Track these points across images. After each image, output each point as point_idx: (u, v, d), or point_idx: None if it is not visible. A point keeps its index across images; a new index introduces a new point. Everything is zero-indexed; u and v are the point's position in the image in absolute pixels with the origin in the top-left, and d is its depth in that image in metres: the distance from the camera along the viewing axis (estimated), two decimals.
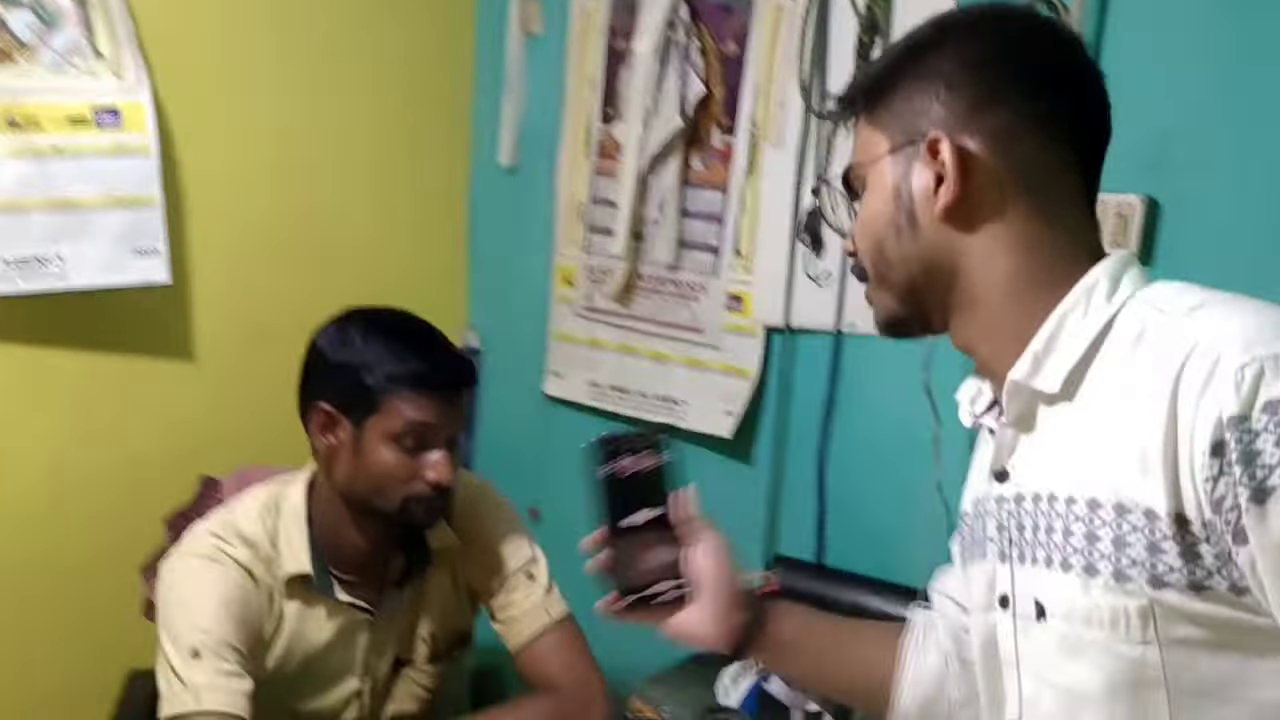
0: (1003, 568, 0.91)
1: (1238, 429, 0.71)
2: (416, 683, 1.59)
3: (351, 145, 2.35)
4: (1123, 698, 0.81)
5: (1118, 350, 0.83)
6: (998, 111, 0.87)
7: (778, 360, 2.11)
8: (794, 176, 2.05)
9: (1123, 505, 0.79)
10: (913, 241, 0.91)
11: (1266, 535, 0.71)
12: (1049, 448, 0.87)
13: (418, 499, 1.43)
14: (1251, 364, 0.72)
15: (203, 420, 2.17)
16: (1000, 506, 0.91)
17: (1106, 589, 0.80)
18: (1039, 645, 0.87)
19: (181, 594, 1.41)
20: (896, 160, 0.91)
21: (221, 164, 2.12)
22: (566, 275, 2.42)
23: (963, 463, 1.85)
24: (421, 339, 1.46)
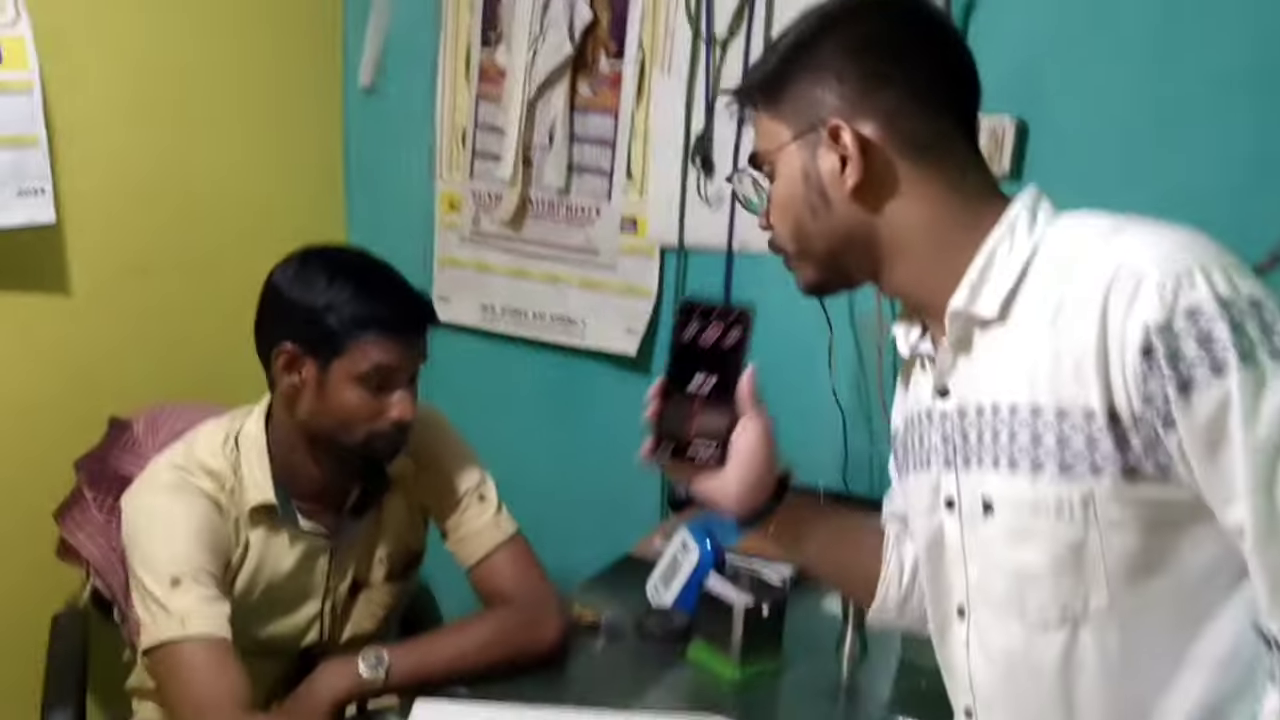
0: (947, 474, 1.04)
1: (1163, 334, 0.84)
2: (375, 602, 1.65)
3: (220, 73, 2.28)
4: (1066, 574, 0.94)
5: (1043, 274, 0.96)
6: (886, 92, 0.98)
7: (673, 279, 2.22)
8: (684, 101, 2.15)
9: (1062, 409, 0.91)
10: (828, 218, 1.02)
11: (1191, 419, 0.84)
12: (987, 365, 0.99)
13: (380, 435, 1.48)
14: (1170, 278, 0.85)
15: (91, 360, 2.11)
16: (944, 421, 1.04)
17: (1052, 481, 0.92)
18: (986, 538, 1.00)
19: (154, 526, 1.43)
20: (801, 147, 1.01)
21: (93, 101, 2.04)
22: (451, 201, 2.44)
23: (853, 367, 2.04)
24: (384, 281, 1.49)
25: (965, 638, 1.04)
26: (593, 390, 2.36)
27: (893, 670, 1.57)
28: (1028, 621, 0.98)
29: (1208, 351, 0.83)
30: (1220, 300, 0.84)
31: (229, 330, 2.25)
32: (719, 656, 1.52)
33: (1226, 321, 0.83)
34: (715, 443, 1.16)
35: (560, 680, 1.51)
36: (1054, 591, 0.95)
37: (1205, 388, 0.83)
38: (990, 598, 1.01)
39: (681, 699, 1.47)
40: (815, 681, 1.55)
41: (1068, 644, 0.96)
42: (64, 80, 1.96)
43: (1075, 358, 0.90)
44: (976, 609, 1.03)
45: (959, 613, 1.05)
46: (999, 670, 1.02)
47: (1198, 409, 0.84)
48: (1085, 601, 0.94)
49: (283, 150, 2.44)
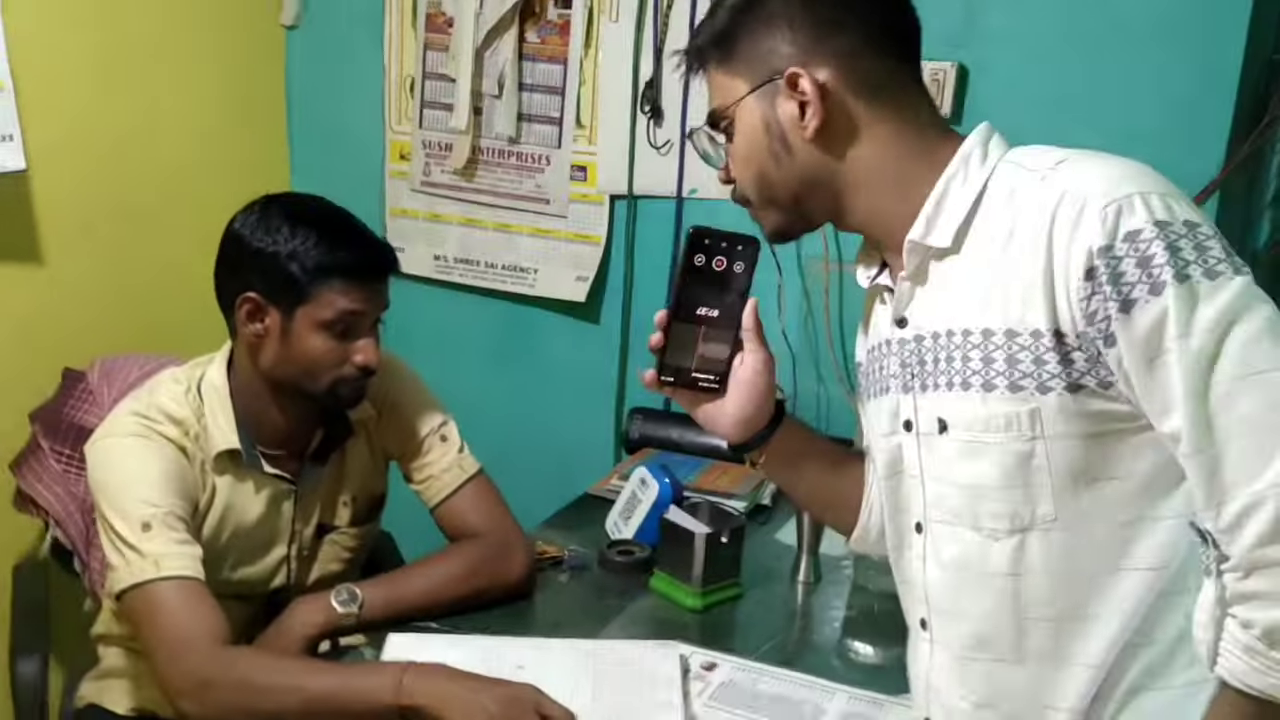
0: (905, 398, 1.09)
1: (1105, 256, 0.90)
2: (341, 545, 1.67)
3: (162, 28, 2.24)
4: (1015, 485, 1.00)
5: (995, 205, 1.01)
6: (840, 37, 1.03)
7: (623, 225, 2.26)
8: (632, 49, 2.17)
9: (1012, 330, 0.97)
10: (791, 164, 1.06)
11: (1131, 334, 0.90)
12: (942, 293, 1.04)
13: (345, 381, 1.50)
14: (1112, 204, 0.91)
15: (42, 313, 2.09)
16: (902, 348, 1.09)
17: (1002, 399, 0.98)
18: (942, 455, 1.05)
19: (122, 471, 1.44)
20: (760, 98, 1.05)
21: (33, 54, 2.00)
22: (401, 151, 2.45)
23: (801, 309, 2.09)
24: (346, 228, 1.50)
25: (922, 551, 1.10)
26: (544, 337, 2.39)
27: (845, 595, 1.64)
28: (980, 531, 1.03)
29: (1146, 272, 0.88)
30: (1158, 224, 0.89)
31: (176, 282, 2.28)
32: (680, 585, 1.57)
33: (1164, 244, 0.88)
34: (717, 371, 1.20)
35: (527, 613, 1.55)
36: (1004, 502, 1.01)
37: (1143, 306, 0.88)
38: (946, 511, 1.06)
39: (646, 627, 1.52)
40: (772, 607, 1.61)
41: (1016, 551, 1.02)
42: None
43: (1024, 281, 0.96)
44: (933, 523, 1.08)
45: (917, 528, 1.11)
46: (952, 580, 1.07)
47: (1137, 325, 0.89)
48: (1033, 510, 1.00)
49: (226, 102, 2.42)
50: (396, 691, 1.23)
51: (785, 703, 1.32)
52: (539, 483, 2.05)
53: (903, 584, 1.18)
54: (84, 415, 1.83)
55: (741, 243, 1.16)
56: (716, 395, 1.20)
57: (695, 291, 1.16)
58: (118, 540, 1.40)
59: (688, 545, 1.55)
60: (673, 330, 1.18)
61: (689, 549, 1.55)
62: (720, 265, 1.16)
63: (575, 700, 1.25)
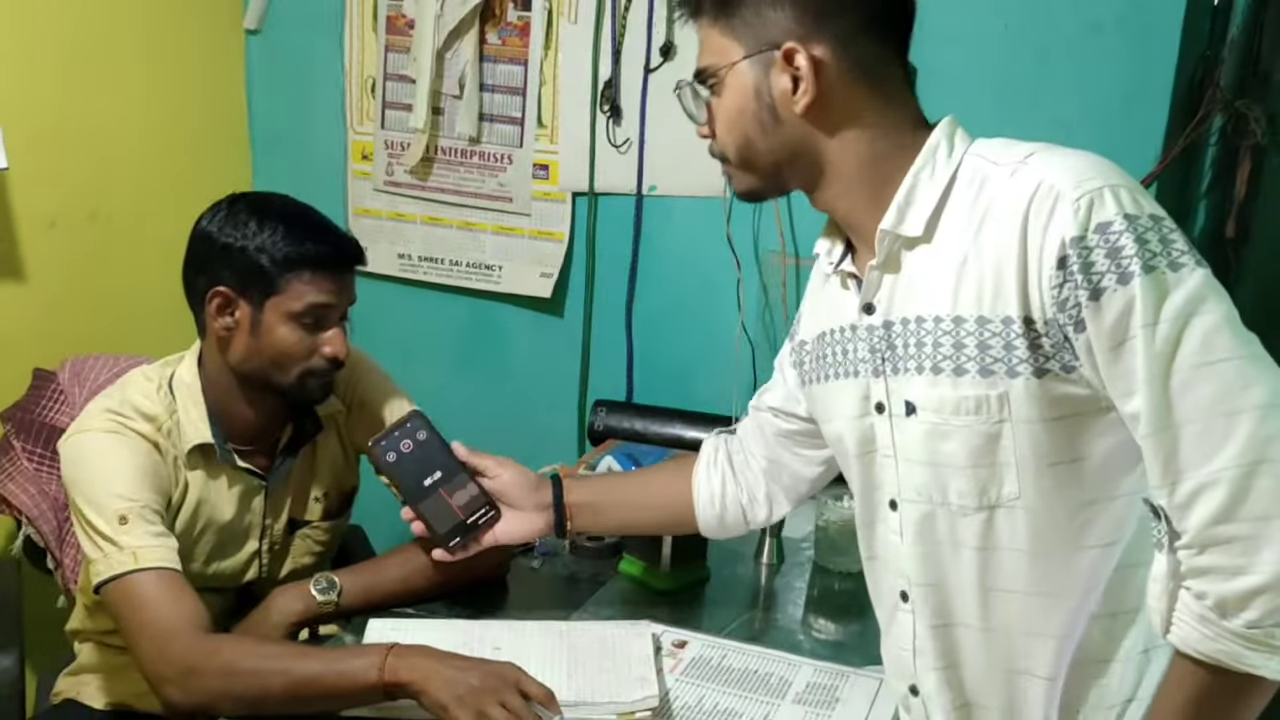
0: (876, 381, 1.12)
1: (1077, 246, 0.93)
2: (312, 539, 1.70)
3: (123, 28, 2.26)
4: (983, 465, 1.04)
5: (963, 196, 1.04)
6: (839, 18, 1.04)
7: (584, 223, 2.30)
8: (591, 50, 2.22)
9: (984, 317, 1.00)
10: (777, 133, 1.08)
11: (1100, 322, 0.93)
12: (912, 281, 1.07)
13: (314, 373, 1.52)
14: (1084, 197, 0.95)
15: (8, 315, 2.10)
16: (871, 334, 1.12)
17: (973, 383, 1.02)
18: (910, 436, 1.09)
19: (96, 466, 1.46)
20: (753, 65, 1.07)
21: (13, 54, 2.02)
22: (364, 151, 2.48)
23: (759, 303, 2.15)
24: (312, 222, 1.53)
25: (899, 527, 1.14)
26: (509, 332, 2.43)
27: (807, 575, 1.70)
28: (949, 508, 1.08)
29: (1115, 262, 0.92)
30: (1127, 217, 0.93)
31: (140, 283, 2.30)
32: (649, 569, 1.62)
33: (1132, 236, 0.93)
34: (483, 506, 1.45)
35: (501, 598, 1.59)
36: (972, 481, 1.05)
37: (1111, 294, 0.92)
38: (918, 489, 1.10)
39: (617, 609, 1.56)
40: (738, 588, 1.67)
41: (984, 526, 1.06)
42: None
43: (996, 269, 0.99)
44: (906, 501, 1.13)
45: (891, 505, 1.15)
46: (930, 553, 1.12)
47: (1105, 313, 0.93)
48: (999, 489, 1.04)
49: (187, 101, 2.44)
50: (381, 671, 1.26)
51: (754, 676, 1.38)
52: None
53: (873, 559, 1.22)
54: (55, 415, 1.85)
55: (407, 422, 1.49)
56: (499, 517, 1.48)
57: (410, 475, 1.46)
58: (95, 534, 1.42)
59: None
60: (424, 511, 1.45)
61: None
62: (408, 446, 1.47)
63: (553, 678, 1.28)
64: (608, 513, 1.51)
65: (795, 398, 1.35)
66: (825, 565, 1.68)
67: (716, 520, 1.47)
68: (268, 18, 2.52)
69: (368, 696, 1.28)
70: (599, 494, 1.52)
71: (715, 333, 2.20)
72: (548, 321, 2.38)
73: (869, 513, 1.20)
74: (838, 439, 1.22)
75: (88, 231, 2.24)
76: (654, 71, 2.17)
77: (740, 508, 1.45)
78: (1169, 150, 1.82)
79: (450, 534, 1.44)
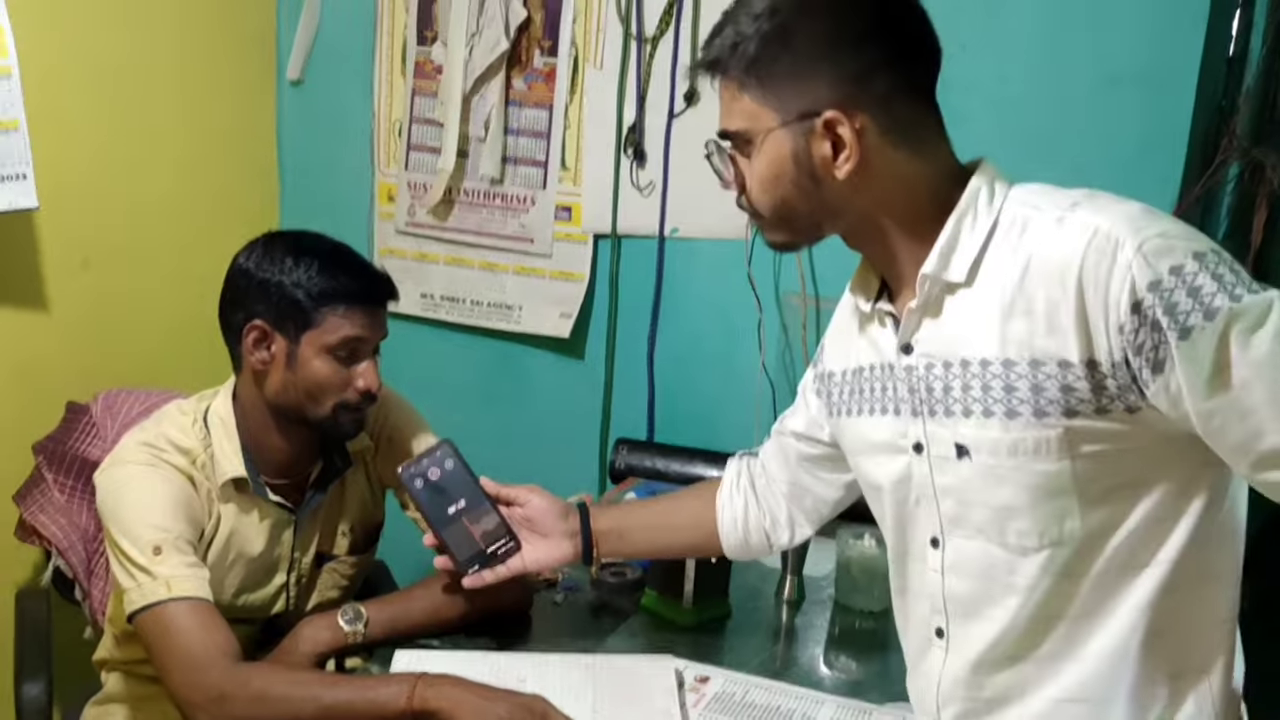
0: (915, 421, 1.13)
1: (1155, 291, 0.94)
2: (339, 573, 1.72)
3: (159, 71, 2.32)
4: (1043, 504, 1.04)
5: (1006, 242, 1.04)
6: (877, 81, 1.05)
7: (606, 264, 2.34)
8: (615, 95, 2.26)
9: (1036, 360, 1.01)
10: (816, 196, 1.09)
11: (1195, 357, 0.93)
12: (953, 324, 1.08)
13: (348, 406, 1.55)
14: (1146, 243, 0.94)
15: (42, 348, 2.14)
16: (909, 374, 1.12)
17: (1028, 426, 1.02)
18: (961, 478, 1.09)
19: (133, 497, 1.49)
20: (790, 132, 1.06)
21: (40, 95, 2.06)
22: (389, 193, 2.52)
23: (780, 343, 2.17)
24: (346, 257, 1.57)
25: (940, 565, 1.15)
26: (531, 371, 2.46)
27: (828, 613, 1.71)
28: (1008, 547, 1.08)
29: (1197, 300, 0.94)
30: (1195, 256, 0.95)
31: (170, 320, 2.34)
32: (672, 604, 1.64)
33: (1208, 273, 0.94)
34: (503, 537, 1.48)
35: (525, 632, 1.61)
36: (1032, 520, 1.06)
37: (1201, 330, 0.94)
38: (970, 529, 1.11)
39: (639, 643, 1.58)
40: (759, 624, 1.68)
41: (1044, 563, 1.07)
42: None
43: (1048, 314, 1.00)
44: (953, 538, 1.13)
45: (933, 543, 1.15)
46: (978, 590, 1.12)
47: (1199, 349, 0.93)
48: (1061, 526, 1.05)
49: (218, 145, 2.49)
50: (410, 698, 1.28)
51: (777, 712, 1.39)
52: None
53: (905, 593, 1.22)
54: (87, 447, 1.88)
55: (436, 450, 1.52)
56: (519, 549, 1.49)
57: (435, 502, 1.49)
58: (129, 564, 1.45)
59: (679, 565, 1.62)
60: (447, 538, 1.48)
61: (680, 568, 1.61)
62: (435, 474, 1.50)
63: (578, 711, 1.30)
64: (633, 538, 1.53)
65: (818, 423, 1.37)
66: (846, 604, 1.69)
67: (740, 543, 1.48)
68: (309, 69, 2.58)
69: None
70: (624, 520, 1.54)
71: (736, 372, 2.22)
72: (569, 361, 2.41)
73: (902, 548, 1.20)
74: (869, 474, 1.23)
75: (120, 270, 2.28)
76: (678, 116, 2.22)
77: (763, 530, 1.47)
78: (1186, 197, 1.85)
79: (469, 561, 1.47)
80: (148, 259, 2.32)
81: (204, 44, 2.41)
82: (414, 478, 1.50)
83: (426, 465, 1.51)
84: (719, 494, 1.50)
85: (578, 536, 1.50)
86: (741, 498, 1.48)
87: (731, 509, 1.48)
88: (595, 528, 1.51)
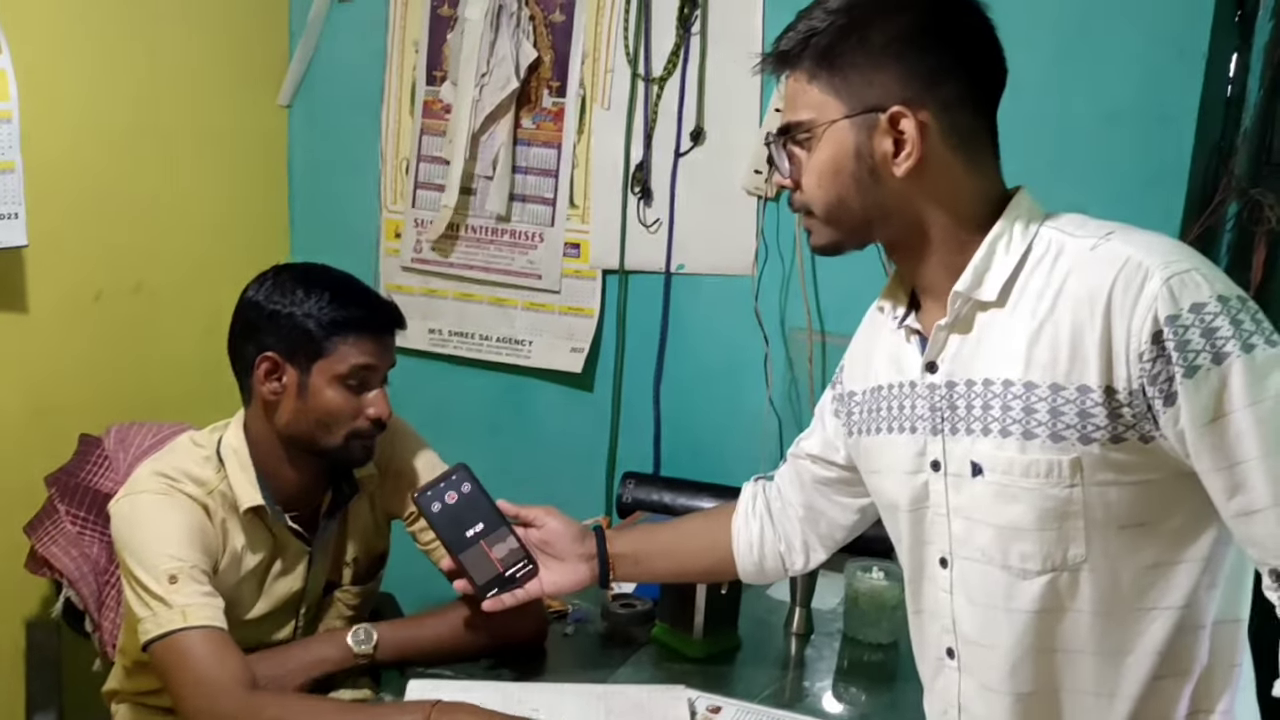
0: (934, 440, 1.14)
1: (1173, 325, 0.96)
2: (344, 603, 1.73)
3: (171, 106, 2.34)
4: (1049, 528, 1.06)
5: (1040, 266, 1.06)
6: (945, 85, 1.07)
7: (614, 299, 2.36)
8: (624, 135, 2.30)
9: (1057, 384, 1.03)
10: (875, 194, 1.10)
11: (1194, 397, 0.96)
12: (982, 344, 1.09)
13: (358, 434, 1.57)
14: (1174, 277, 0.97)
15: (51, 381, 2.15)
16: (932, 392, 1.14)
17: (1043, 448, 1.04)
18: (974, 496, 1.10)
19: (147, 527, 1.50)
20: (855, 125, 1.08)
21: (52, 132, 2.09)
22: (396, 230, 2.55)
23: (786, 377, 2.19)
24: (354, 288, 1.60)
25: (949, 585, 1.16)
26: (538, 406, 2.48)
27: (836, 646, 1.72)
28: (1010, 570, 1.09)
29: (1210, 342, 0.96)
30: (1220, 298, 0.97)
31: (181, 352, 2.35)
32: (681, 636, 1.64)
33: (1228, 318, 0.96)
34: (521, 560, 1.48)
35: (536, 662, 1.61)
36: (1037, 544, 1.07)
37: (1207, 372, 0.96)
38: (975, 549, 1.12)
39: (650, 674, 1.58)
40: (768, 656, 1.69)
41: (1045, 589, 1.08)
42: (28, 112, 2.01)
43: (1073, 339, 1.02)
44: (960, 559, 1.14)
45: (942, 562, 1.17)
46: (981, 614, 1.13)
47: (1201, 389, 0.96)
48: (1065, 552, 1.06)
49: (229, 180, 2.52)
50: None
51: None
52: None
53: (920, 613, 1.23)
54: (100, 479, 1.89)
55: (453, 474, 1.54)
56: (537, 572, 1.50)
57: (453, 526, 1.50)
58: (144, 593, 1.45)
59: (689, 596, 1.62)
60: (465, 561, 1.48)
61: (690, 600, 1.62)
62: (452, 498, 1.51)
63: None
64: (650, 562, 1.53)
65: (834, 445, 1.38)
66: (855, 636, 1.70)
67: (755, 567, 1.49)
68: (305, 95, 2.62)
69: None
70: (640, 544, 1.54)
71: (742, 407, 2.24)
72: (577, 395, 2.43)
73: (917, 568, 1.21)
74: (886, 493, 1.24)
75: (132, 303, 2.30)
76: (684, 155, 2.25)
77: (778, 554, 1.48)
78: (1185, 236, 1.88)
79: (488, 585, 1.47)
80: (159, 293, 2.34)
81: (215, 79, 2.44)
82: (430, 502, 1.51)
83: (443, 490, 1.52)
84: (734, 518, 1.51)
85: (594, 560, 1.51)
86: (757, 522, 1.49)
87: (747, 533, 1.49)
88: (612, 551, 1.51)
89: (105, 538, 1.81)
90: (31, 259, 2.05)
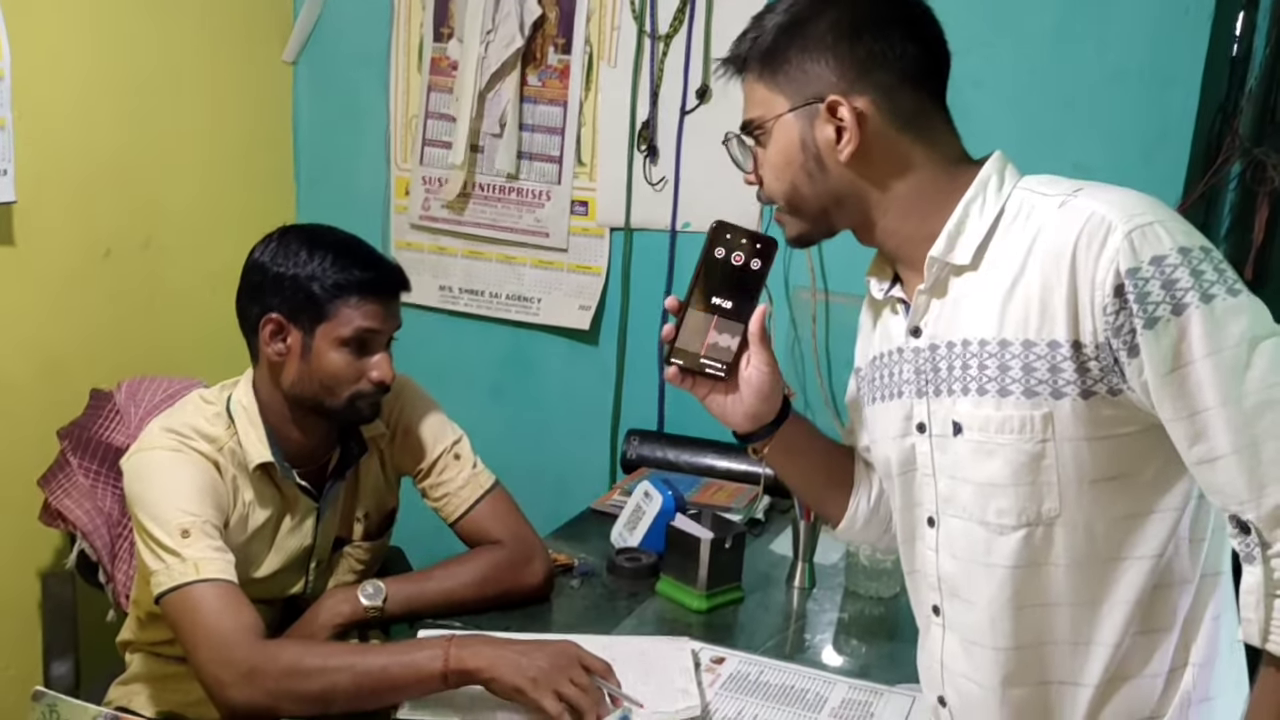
0: (919, 402, 1.17)
1: (1133, 277, 0.98)
2: (354, 558, 1.76)
3: (176, 62, 2.34)
4: (1024, 483, 1.08)
5: (1012, 227, 1.09)
6: (879, 71, 1.11)
7: (620, 257, 2.38)
8: (629, 92, 2.30)
9: (1029, 340, 1.05)
10: (824, 181, 1.15)
11: (1155, 348, 0.98)
12: (959, 306, 1.12)
13: (362, 396, 1.59)
14: (1136, 230, 1.00)
15: (63, 336, 2.17)
16: (916, 356, 1.17)
17: (1017, 404, 1.06)
18: (955, 455, 1.13)
19: (159, 482, 1.52)
20: (798, 117, 1.13)
21: (54, 88, 2.09)
22: (405, 187, 2.56)
23: (789, 337, 2.21)
24: (359, 250, 1.61)
25: (935, 544, 1.19)
26: (545, 362, 2.50)
27: (838, 599, 1.75)
28: (988, 525, 1.12)
29: (1170, 294, 0.98)
30: (1181, 250, 0.99)
31: (189, 308, 2.37)
32: (686, 589, 1.68)
33: (1187, 269, 0.98)
34: (723, 363, 1.25)
35: (543, 615, 1.65)
36: (1013, 499, 1.10)
37: (1166, 324, 0.98)
38: (959, 506, 1.15)
39: (655, 627, 1.62)
40: (771, 609, 1.72)
41: (1020, 544, 1.11)
42: (26, 66, 2.01)
43: (1042, 295, 1.04)
44: (945, 518, 1.18)
45: (929, 522, 1.20)
46: (963, 570, 1.16)
47: (1161, 340, 0.98)
48: (1039, 507, 1.09)
49: (236, 139, 2.52)
50: (446, 659, 1.32)
51: (790, 691, 1.43)
52: (541, 501, 2.13)
53: (913, 574, 1.27)
54: (111, 433, 1.91)
55: (761, 241, 1.21)
56: (721, 382, 1.26)
57: (712, 282, 1.21)
58: (157, 547, 1.48)
59: (693, 550, 1.66)
60: (687, 317, 1.23)
61: (694, 554, 1.65)
62: (739, 260, 1.21)
63: None
64: (810, 446, 1.39)
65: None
66: (856, 590, 1.73)
67: (866, 515, 1.39)
68: (311, 52, 2.62)
69: (432, 686, 1.34)
70: (812, 432, 1.39)
71: None
72: (582, 351, 2.45)
73: (909, 529, 1.24)
74: (884, 458, 1.26)
75: (141, 260, 2.31)
76: (690, 113, 2.26)
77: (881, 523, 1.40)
78: (1189, 195, 1.89)
79: (680, 354, 1.25)
80: (167, 250, 2.35)
81: (221, 39, 2.44)
82: (719, 242, 1.22)
83: (743, 245, 1.21)
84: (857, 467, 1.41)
85: (760, 427, 1.31)
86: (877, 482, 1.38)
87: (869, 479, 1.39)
88: (783, 434, 1.33)
89: (117, 490, 1.84)
90: (29, 214, 2.05)
